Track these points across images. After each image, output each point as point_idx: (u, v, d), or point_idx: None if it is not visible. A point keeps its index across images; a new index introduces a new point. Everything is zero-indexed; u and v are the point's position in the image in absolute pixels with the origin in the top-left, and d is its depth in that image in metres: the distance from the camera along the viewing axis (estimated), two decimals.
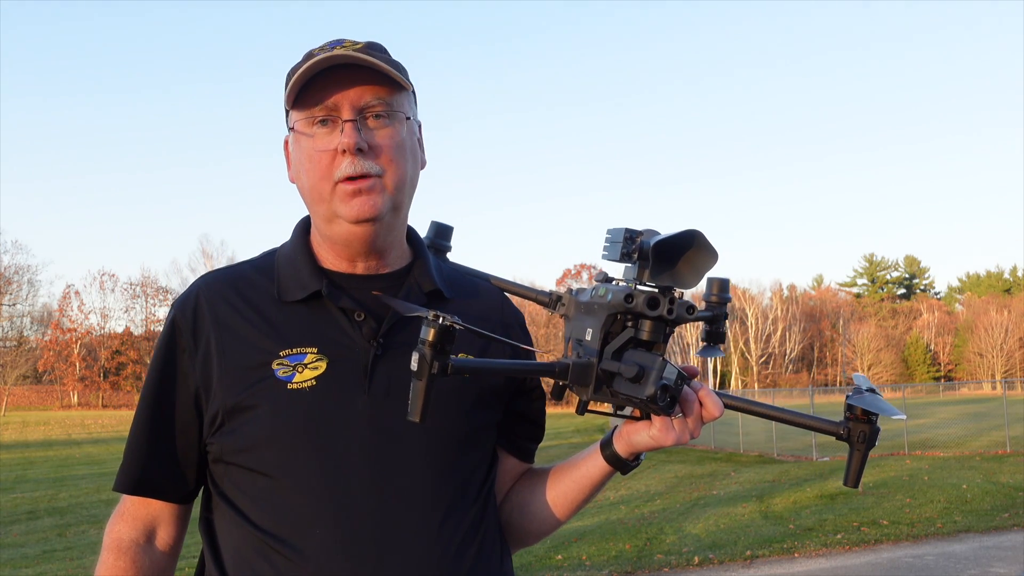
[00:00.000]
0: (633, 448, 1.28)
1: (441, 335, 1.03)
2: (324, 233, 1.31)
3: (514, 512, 1.43)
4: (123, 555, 1.30)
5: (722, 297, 1.33)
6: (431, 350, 1.03)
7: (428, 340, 1.03)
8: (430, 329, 1.03)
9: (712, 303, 1.32)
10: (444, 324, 1.03)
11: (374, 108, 1.26)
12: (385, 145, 1.26)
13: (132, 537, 1.32)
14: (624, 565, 7.93)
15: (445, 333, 1.03)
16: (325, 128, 1.26)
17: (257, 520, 1.23)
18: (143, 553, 1.32)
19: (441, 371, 1.04)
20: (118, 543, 1.32)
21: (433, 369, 1.03)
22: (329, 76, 1.24)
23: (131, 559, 1.30)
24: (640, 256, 1.17)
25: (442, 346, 1.03)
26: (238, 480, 1.26)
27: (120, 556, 1.30)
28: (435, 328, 1.03)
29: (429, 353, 1.03)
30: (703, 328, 1.32)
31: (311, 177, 1.26)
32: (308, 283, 1.29)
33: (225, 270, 1.37)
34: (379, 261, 1.33)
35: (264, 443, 1.23)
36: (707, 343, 1.34)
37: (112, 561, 1.30)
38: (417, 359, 1.03)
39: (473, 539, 1.28)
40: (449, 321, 1.03)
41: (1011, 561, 7.71)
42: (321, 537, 1.20)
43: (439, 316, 1.03)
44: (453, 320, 1.03)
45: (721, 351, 1.37)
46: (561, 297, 1.36)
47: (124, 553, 1.31)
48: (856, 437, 1.23)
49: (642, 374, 1.15)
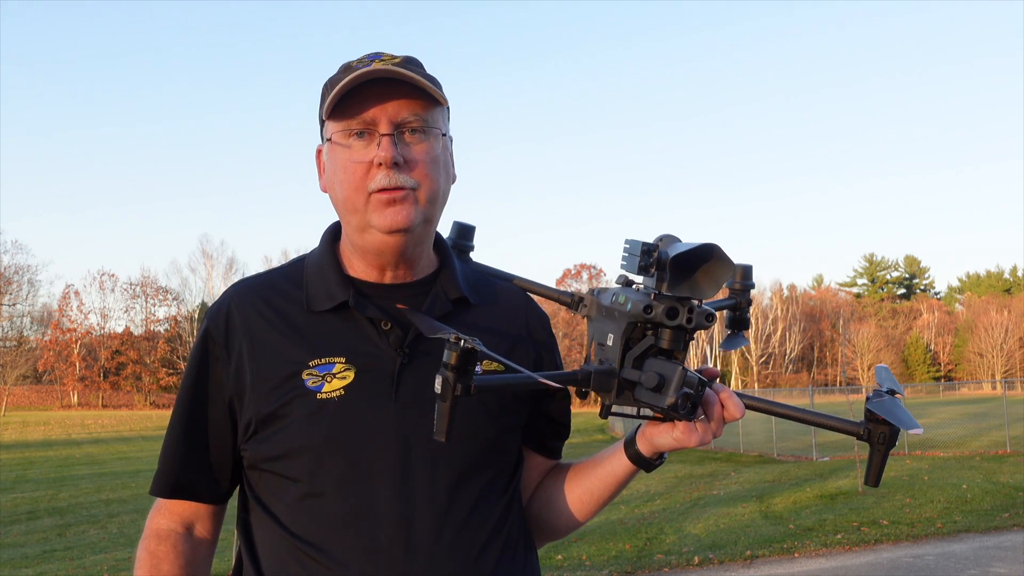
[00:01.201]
0: (656, 448, 1.30)
1: (463, 358, 1.04)
2: (356, 243, 1.32)
3: (542, 508, 1.46)
4: (164, 540, 1.35)
5: (745, 284, 1.33)
6: (453, 373, 1.04)
7: (450, 363, 1.04)
8: (452, 353, 1.04)
9: (736, 290, 1.32)
10: (466, 347, 1.04)
11: (411, 123, 1.28)
12: (420, 160, 1.28)
13: (171, 527, 1.37)
14: (624, 565, 7.93)
15: (467, 355, 1.04)
16: (362, 141, 1.27)
17: (290, 525, 1.26)
18: (183, 540, 1.36)
19: (464, 392, 1.05)
20: (158, 531, 1.36)
21: (457, 391, 1.04)
22: (368, 90, 1.26)
23: (171, 544, 1.35)
24: (658, 267, 1.17)
25: (464, 368, 1.05)
26: (272, 486, 1.29)
27: (161, 541, 1.35)
28: (456, 352, 1.04)
29: (452, 377, 1.04)
30: (727, 315, 1.31)
31: (345, 188, 1.28)
32: (336, 293, 1.31)
33: (256, 278, 1.40)
34: (407, 270, 1.35)
35: (295, 452, 1.26)
36: (731, 331, 1.33)
37: (154, 546, 1.35)
38: (441, 382, 1.05)
39: (496, 540, 1.30)
40: (470, 344, 1.04)
41: (1011, 561, 7.71)
42: (352, 543, 1.23)
43: (460, 339, 1.04)
44: (474, 343, 1.04)
45: (747, 339, 1.36)
46: (583, 298, 1.37)
47: (165, 539, 1.35)
48: (877, 438, 1.23)
49: (663, 384, 1.15)
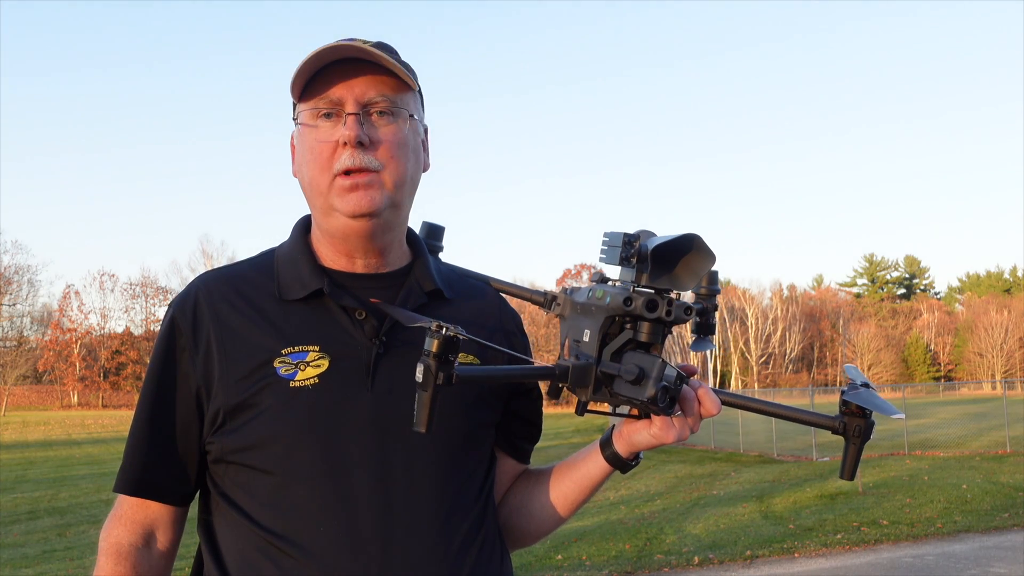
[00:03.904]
0: (634, 447, 1.29)
1: (445, 346, 1.03)
2: (323, 227, 1.31)
3: (512, 514, 1.43)
4: (123, 560, 1.28)
5: (711, 289, 1.33)
6: (435, 361, 1.03)
7: (432, 351, 1.03)
8: (434, 340, 1.03)
9: (701, 295, 1.32)
10: (448, 335, 1.03)
11: (378, 104, 1.26)
12: (387, 141, 1.26)
13: (131, 541, 1.30)
14: (624, 565, 7.93)
15: (449, 344, 1.03)
16: (329, 121, 1.26)
17: (260, 519, 1.22)
18: (142, 557, 1.29)
19: (446, 381, 1.04)
20: (117, 547, 1.29)
21: (438, 380, 1.03)
22: (335, 70, 1.25)
23: (131, 564, 1.28)
24: (638, 259, 1.17)
25: (446, 357, 1.03)
26: (240, 479, 1.25)
27: (120, 561, 1.28)
28: (438, 339, 1.03)
29: (434, 364, 1.03)
30: (693, 320, 1.32)
31: (311, 169, 1.27)
32: (309, 281, 1.29)
33: (223, 269, 1.36)
34: (379, 259, 1.33)
35: (268, 441, 1.22)
36: (698, 335, 1.34)
37: (112, 567, 1.27)
38: (422, 370, 1.03)
39: (476, 537, 1.28)
40: (453, 332, 1.03)
41: (1011, 561, 7.71)
42: (327, 535, 1.20)
43: (442, 327, 1.03)
44: (456, 330, 1.03)
45: (713, 344, 1.37)
46: (556, 297, 1.36)
47: (124, 558, 1.28)
48: (852, 431, 1.24)
49: (642, 376, 1.15)
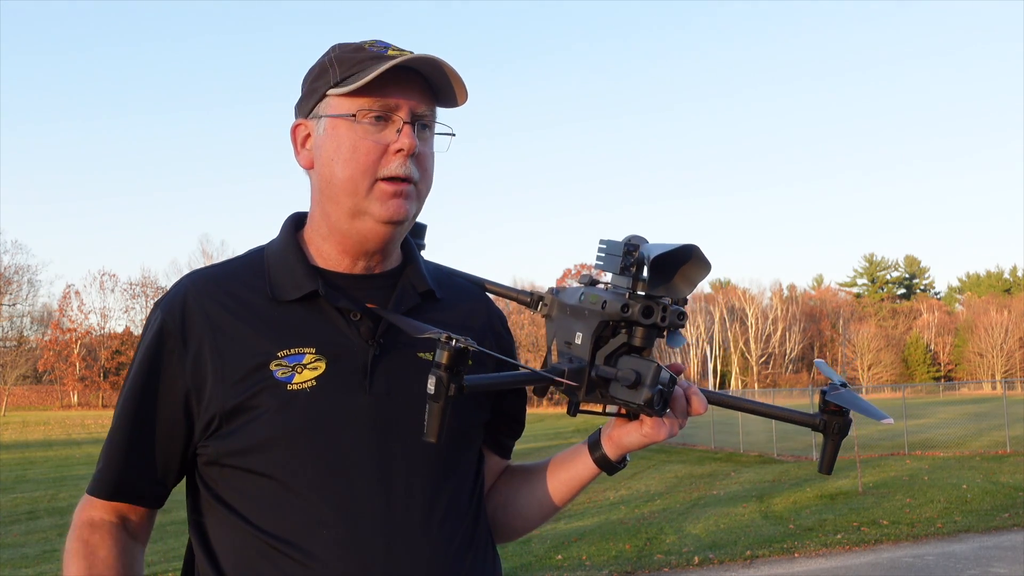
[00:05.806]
0: (624, 450, 1.32)
1: (456, 358, 1.03)
2: (340, 227, 1.29)
3: (497, 510, 1.45)
4: (98, 529, 1.27)
5: None
6: (447, 373, 1.03)
7: (443, 363, 1.03)
8: (444, 352, 1.03)
9: None
10: (459, 347, 1.03)
11: (425, 118, 1.28)
12: (428, 155, 1.30)
13: (104, 518, 1.29)
14: (624, 565, 7.93)
15: (459, 355, 1.04)
16: (377, 124, 1.25)
17: (259, 522, 1.21)
18: (119, 529, 1.29)
19: (458, 392, 1.04)
20: (90, 520, 1.29)
21: (450, 392, 1.04)
22: (391, 76, 1.24)
23: (107, 531, 1.28)
24: (636, 267, 1.18)
25: (457, 368, 1.04)
26: (236, 483, 1.24)
27: (95, 530, 1.27)
28: (449, 351, 1.03)
29: (446, 376, 1.03)
30: None
31: (350, 168, 1.24)
32: (303, 283, 1.27)
33: (211, 268, 1.34)
34: (381, 262, 1.34)
35: (266, 445, 1.21)
36: None
37: (87, 534, 1.27)
38: (434, 382, 1.04)
39: (472, 537, 1.29)
40: (464, 344, 1.03)
41: (1011, 561, 7.71)
42: (328, 537, 1.19)
43: (451, 338, 1.03)
44: (467, 342, 1.04)
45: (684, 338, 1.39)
46: (543, 297, 1.37)
47: (99, 527, 1.28)
48: (832, 428, 1.28)
49: (639, 380, 1.17)
